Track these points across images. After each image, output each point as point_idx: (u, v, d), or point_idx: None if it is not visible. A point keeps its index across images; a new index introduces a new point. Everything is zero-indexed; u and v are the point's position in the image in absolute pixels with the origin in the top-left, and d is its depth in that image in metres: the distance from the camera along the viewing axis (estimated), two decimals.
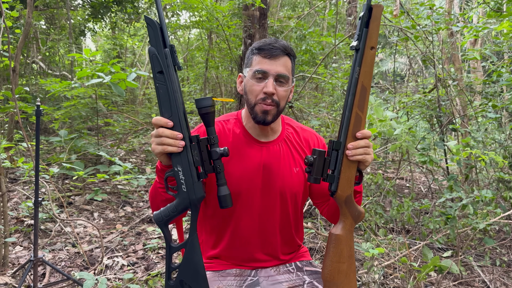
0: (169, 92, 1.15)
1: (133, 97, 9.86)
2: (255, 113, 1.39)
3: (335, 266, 1.27)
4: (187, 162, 1.17)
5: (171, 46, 1.15)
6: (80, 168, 4.09)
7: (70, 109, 5.26)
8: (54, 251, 3.10)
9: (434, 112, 3.98)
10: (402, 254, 2.95)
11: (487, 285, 2.88)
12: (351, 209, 1.28)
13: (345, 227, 1.29)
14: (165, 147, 1.14)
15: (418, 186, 5.90)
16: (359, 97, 1.20)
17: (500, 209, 3.04)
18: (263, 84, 1.36)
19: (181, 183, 1.17)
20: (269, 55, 1.36)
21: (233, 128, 1.51)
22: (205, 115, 1.18)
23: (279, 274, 1.53)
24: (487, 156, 2.65)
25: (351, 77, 1.20)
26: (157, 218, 1.21)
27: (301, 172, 1.52)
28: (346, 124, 1.22)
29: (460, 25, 3.36)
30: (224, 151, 1.18)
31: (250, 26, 4.74)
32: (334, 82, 5.38)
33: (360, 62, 1.19)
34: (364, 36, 1.17)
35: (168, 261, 1.25)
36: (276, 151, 1.50)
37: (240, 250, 1.52)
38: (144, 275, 2.77)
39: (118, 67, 3.78)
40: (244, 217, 1.48)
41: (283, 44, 1.39)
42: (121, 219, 3.92)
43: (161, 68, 1.14)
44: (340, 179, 1.24)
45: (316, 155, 1.22)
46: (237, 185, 1.44)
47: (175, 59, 1.16)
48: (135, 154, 6.87)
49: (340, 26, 8.69)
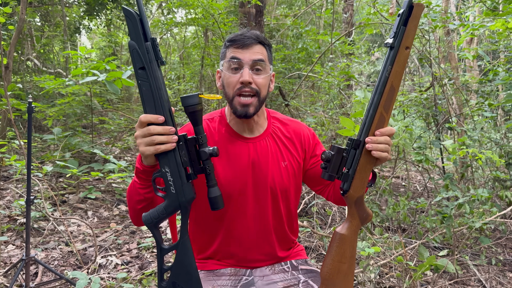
0: (153, 89, 1.08)
1: (128, 94, 9.79)
2: (234, 107, 1.36)
3: (336, 266, 1.25)
4: (175, 163, 1.12)
5: (152, 40, 1.08)
6: (74, 166, 4.05)
7: (64, 107, 5.20)
8: (47, 250, 3.07)
9: (430, 111, 3.97)
10: (398, 253, 2.94)
11: (483, 284, 2.87)
12: (360, 210, 1.26)
13: (351, 228, 1.26)
14: (158, 147, 1.08)
15: (414, 185, 5.90)
16: (386, 97, 1.16)
17: (496, 208, 3.03)
18: (238, 74, 1.33)
19: (170, 185, 1.13)
20: (242, 45, 1.33)
21: (218, 126, 1.47)
22: (192, 113, 1.12)
23: (274, 274, 1.51)
24: (484, 155, 2.63)
25: (380, 75, 1.16)
26: (146, 220, 1.17)
27: (290, 166, 1.49)
28: (369, 123, 1.18)
29: (457, 23, 3.34)
30: (213, 151, 1.13)
31: (246, 23, 4.71)
32: (330, 81, 5.36)
33: (393, 61, 1.14)
34: (400, 34, 1.12)
35: (160, 263, 1.22)
36: (263, 147, 1.46)
37: (234, 251, 1.49)
38: (138, 274, 2.74)
39: (114, 65, 3.74)
40: (237, 217, 1.45)
41: (255, 33, 1.37)
42: (115, 217, 3.89)
43: (142, 64, 1.07)
44: (355, 179, 1.21)
45: (335, 152, 1.19)
46: (227, 185, 1.40)
47: (158, 54, 1.09)
48: (130, 152, 6.83)
49: (337, 24, 8.67)
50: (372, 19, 4.97)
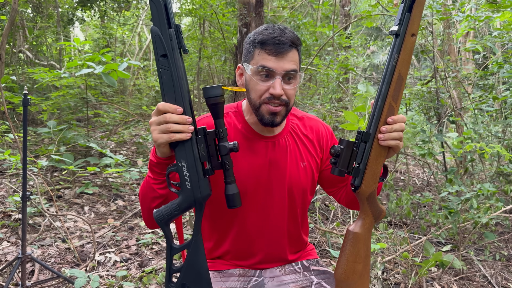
0: (174, 78, 1.02)
1: (123, 87, 9.66)
2: (261, 114, 1.25)
3: (351, 266, 1.19)
4: (193, 157, 1.05)
5: (176, 26, 1.02)
6: (70, 160, 3.95)
7: (59, 100, 5.09)
8: (43, 247, 2.98)
9: (433, 104, 3.91)
10: (403, 249, 2.89)
11: (488, 280, 2.84)
12: (372, 207, 1.20)
13: (364, 225, 1.21)
14: (172, 135, 1.01)
15: (412, 179, 5.87)
16: (394, 86, 1.11)
17: (501, 203, 2.99)
18: (268, 84, 1.21)
19: (185, 180, 1.06)
20: (275, 52, 1.19)
21: (233, 122, 1.38)
22: (214, 105, 1.06)
23: (285, 274, 1.44)
24: (491, 149, 2.58)
25: (387, 64, 1.11)
26: (158, 216, 1.10)
27: (308, 167, 1.41)
28: (378, 115, 1.13)
29: (461, 15, 3.28)
30: (234, 146, 1.07)
31: (246, 14, 4.61)
32: (329, 73, 5.30)
33: (400, 49, 1.10)
34: (406, 21, 1.09)
35: (169, 263, 1.15)
36: (282, 146, 1.38)
37: (245, 252, 1.42)
38: (138, 272, 2.67)
39: (109, 57, 3.65)
40: (250, 217, 1.37)
41: (291, 36, 1.21)
42: (113, 213, 3.81)
43: (165, 51, 1.01)
44: (366, 174, 1.15)
45: (344, 146, 1.13)
46: (243, 183, 1.32)
47: (181, 41, 1.03)
48: (125, 146, 6.73)
49: (334, 16, 8.58)
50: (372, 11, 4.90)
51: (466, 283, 2.79)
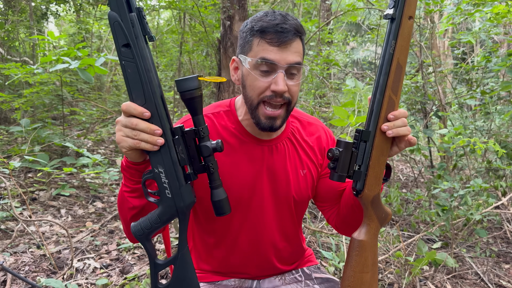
0: (140, 71, 0.87)
1: (100, 84, 9.37)
2: (257, 117, 1.11)
3: (358, 277, 1.08)
4: (171, 161, 0.92)
5: (138, 10, 0.86)
6: (45, 160, 3.74)
7: (32, 97, 4.85)
8: (17, 254, 2.79)
9: (420, 99, 3.86)
10: (396, 248, 2.82)
11: (480, 277, 2.79)
12: (377, 211, 1.09)
13: (370, 231, 1.10)
14: (137, 142, 0.88)
15: (397, 174, 5.84)
16: (393, 77, 0.99)
17: (492, 199, 2.94)
18: (270, 79, 1.06)
19: (165, 188, 0.93)
20: (278, 41, 1.03)
21: (225, 123, 1.22)
22: (190, 100, 0.91)
23: (285, 284, 1.32)
24: (484, 145, 2.52)
25: (383, 53, 0.99)
26: (136, 231, 0.96)
27: (309, 175, 1.27)
28: (377, 109, 1.00)
29: (451, 8, 3.22)
30: (217, 145, 0.93)
31: (229, 7, 4.46)
32: (314, 68, 5.21)
33: (396, 35, 0.97)
34: (401, 2, 0.95)
35: (154, 281, 1.01)
36: (281, 151, 1.23)
37: (239, 267, 1.28)
38: (120, 279, 2.51)
39: (86, 52, 3.46)
40: (245, 229, 1.23)
41: (294, 24, 1.06)
42: (91, 216, 3.62)
43: (127, 40, 0.86)
44: (368, 176, 1.03)
45: (343, 148, 1.00)
46: (235, 194, 1.18)
47: (145, 27, 0.88)
48: (103, 144, 6.50)
49: (315, 12, 8.50)
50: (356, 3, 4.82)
51: (459, 281, 2.74)
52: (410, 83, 3.83)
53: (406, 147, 1.04)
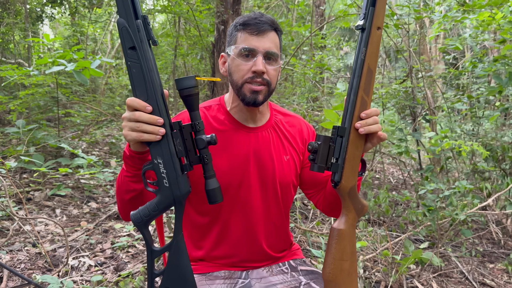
0: (144, 71, 0.99)
1: (95, 86, 9.42)
2: (243, 94, 1.26)
3: (338, 264, 1.17)
4: (169, 153, 1.01)
5: (143, 17, 0.99)
6: (40, 161, 3.79)
7: (28, 99, 4.90)
8: (12, 252, 2.84)
9: (409, 103, 3.96)
10: (383, 247, 2.90)
11: (466, 276, 2.88)
12: (354, 202, 1.19)
13: (348, 221, 1.19)
14: (141, 134, 0.98)
15: (388, 177, 5.94)
16: (365, 79, 1.12)
17: (477, 200, 3.04)
18: (251, 62, 1.24)
19: (163, 178, 1.02)
20: (256, 31, 1.24)
21: (216, 114, 1.37)
22: (188, 97, 1.03)
23: (272, 275, 1.40)
24: (469, 147, 2.61)
25: (356, 58, 1.12)
26: (136, 218, 1.05)
27: (292, 160, 1.41)
28: (351, 108, 1.12)
29: (438, 15, 3.32)
30: (211, 139, 1.03)
31: (223, 11, 4.55)
32: (306, 72, 5.30)
33: (367, 43, 1.11)
34: (370, 15, 1.10)
35: (150, 266, 1.09)
36: (265, 138, 1.37)
37: (229, 250, 1.37)
38: (114, 276, 2.57)
39: (81, 54, 3.52)
40: (235, 213, 1.34)
41: (270, 18, 1.28)
42: (86, 215, 3.67)
43: (133, 43, 0.98)
44: (345, 168, 1.14)
45: (321, 141, 1.12)
46: (225, 177, 1.30)
47: (149, 32, 1.00)
48: (98, 146, 6.55)
49: (308, 17, 8.61)
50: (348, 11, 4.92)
51: (444, 280, 2.82)
52: (400, 88, 3.93)
53: (378, 142, 1.16)
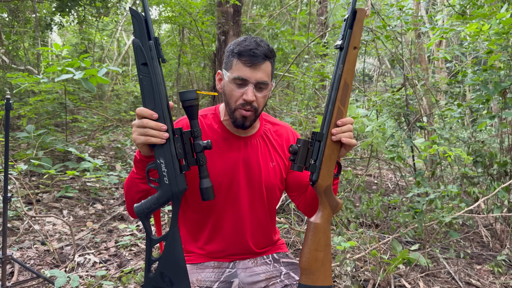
0: (153, 84, 1.15)
1: (102, 93, 9.65)
2: (234, 117, 1.41)
3: (313, 254, 1.31)
4: (170, 155, 1.18)
5: (155, 39, 1.16)
6: (49, 164, 3.98)
7: (37, 105, 5.10)
8: (22, 249, 3.02)
9: (402, 110, 4.10)
10: (373, 248, 3.03)
11: (452, 276, 3.00)
12: (329, 199, 1.33)
13: (323, 217, 1.33)
14: (148, 138, 1.14)
15: (385, 182, 6.06)
16: (341, 92, 1.27)
17: (464, 204, 3.17)
18: (242, 90, 1.36)
19: (164, 176, 1.19)
20: (250, 63, 1.34)
21: (211, 123, 1.53)
22: (189, 108, 1.20)
23: (256, 266, 1.57)
24: (453, 153, 2.76)
25: (334, 73, 1.27)
26: (138, 210, 1.21)
27: (277, 166, 1.56)
28: (329, 117, 1.28)
29: (429, 26, 3.47)
30: (207, 144, 1.20)
31: (224, 22, 4.74)
32: (306, 81, 5.45)
33: (344, 60, 1.25)
34: (348, 36, 1.25)
35: (148, 253, 1.25)
36: (254, 146, 1.53)
37: (221, 244, 1.54)
38: (117, 272, 2.74)
39: (89, 62, 3.70)
40: (226, 211, 1.50)
41: (264, 50, 1.36)
42: (92, 216, 3.85)
43: (145, 60, 1.15)
44: (321, 169, 1.29)
45: (301, 144, 1.27)
46: (217, 178, 1.46)
47: (160, 52, 1.17)
48: (104, 151, 6.74)
49: (312, 25, 8.80)
50: None
51: (431, 279, 2.95)
52: (392, 96, 4.08)
53: (351, 149, 1.31)
